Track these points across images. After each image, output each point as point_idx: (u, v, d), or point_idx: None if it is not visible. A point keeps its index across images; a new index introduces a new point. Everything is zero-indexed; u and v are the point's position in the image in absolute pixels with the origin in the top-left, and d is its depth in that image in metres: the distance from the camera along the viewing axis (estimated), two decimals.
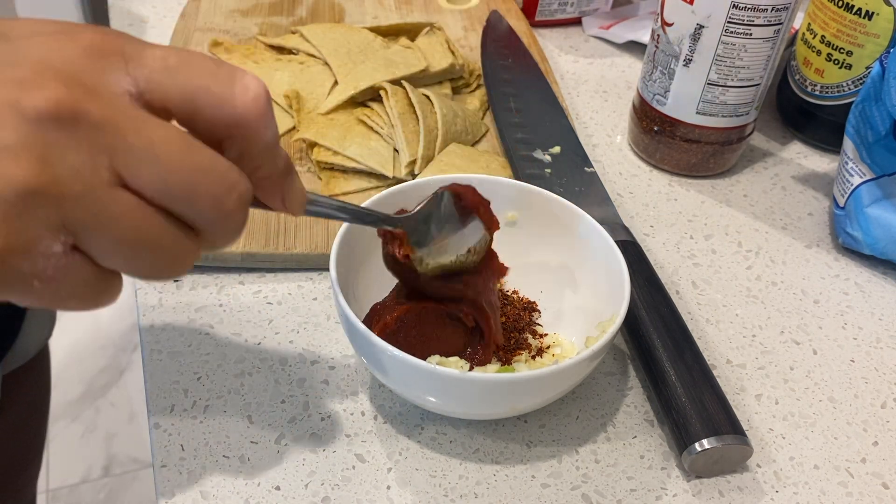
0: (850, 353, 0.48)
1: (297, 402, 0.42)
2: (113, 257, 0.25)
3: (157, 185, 0.25)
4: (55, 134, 0.23)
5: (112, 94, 0.25)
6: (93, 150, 0.23)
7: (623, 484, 0.40)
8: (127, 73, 0.25)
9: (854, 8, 0.56)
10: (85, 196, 0.23)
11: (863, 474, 0.42)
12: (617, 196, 0.59)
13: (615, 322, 0.39)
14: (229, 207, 0.26)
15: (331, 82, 0.60)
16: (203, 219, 0.26)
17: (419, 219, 0.39)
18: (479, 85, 0.65)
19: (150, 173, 0.24)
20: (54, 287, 0.25)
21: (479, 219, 0.40)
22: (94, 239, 0.24)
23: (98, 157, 0.24)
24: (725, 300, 0.51)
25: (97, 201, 0.24)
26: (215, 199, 0.26)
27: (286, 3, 0.73)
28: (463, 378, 0.36)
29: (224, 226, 0.27)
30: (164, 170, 0.25)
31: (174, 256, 0.26)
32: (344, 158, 0.54)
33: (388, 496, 0.39)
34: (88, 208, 0.24)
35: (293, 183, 0.31)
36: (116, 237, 0.24)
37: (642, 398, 0.44)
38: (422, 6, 0.75)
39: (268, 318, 0.47)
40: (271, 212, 0.50)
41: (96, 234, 0.24)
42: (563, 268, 0.47)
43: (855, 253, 0.55)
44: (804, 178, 0.62)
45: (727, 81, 0.55)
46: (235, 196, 0.26)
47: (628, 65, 0.74)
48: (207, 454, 0.40)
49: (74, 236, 0.24)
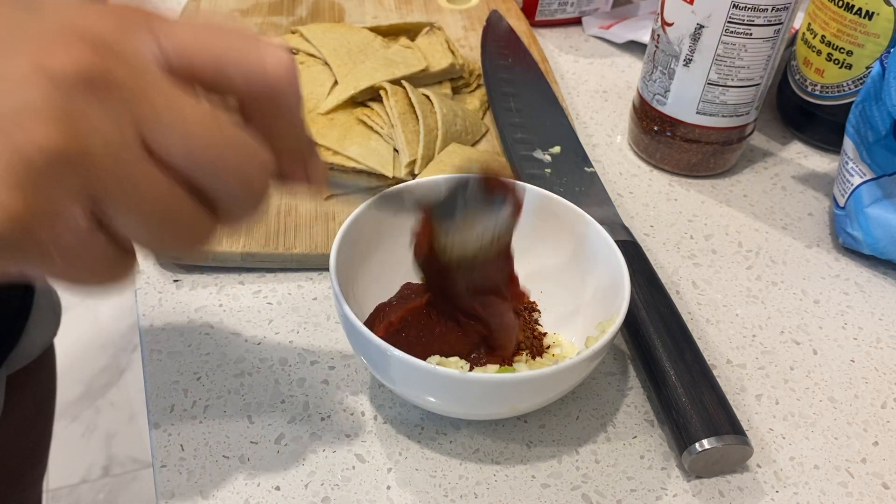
0: (850, 353, 0.48)
1: (297, 402, 0.42)
2: (135, 229, 0.25)
3: (184, 157, 0.24)
4: (84, 99, 0.22)
5: (141, 62, 0.24)
6: (122, 118, 0.23)
7: (623, 484, 0.40)
8: (155, 40, 0.25)
9: (854, 8, 0.56)
10: (113, 165, 0.23)
11: (863, 474, 0.42)
12: (617, 196, 0.59)
13: (615, 322, 0.39)
14: (254, 182, 0.26)
15: (331, 82, 0.60)
16: (227, 193, 0.26)
17: (444, 205, 0.38)
18: (479, 85, 0.65)
19: (179, 144, 0.24)
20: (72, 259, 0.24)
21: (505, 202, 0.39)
22: (118, 210, 0.24)
23: (127, 124, 0.23)
24: (725, 300, 0.51)
25: (125, 171, 0.23)
26: (241, 173, 0.25)
27: (286, 3, 0.73)
28: (463, 378, 0.36)
29: (247, 201, 0.27)
30: (193, 141, 0.24)
31: (195, 231, 0.26)
32: (344, 158, 0.54)
33: (388, 496, 0.39)
34: (116, 178, 0.23)
35: (317, 157, 0.31)
36: (141, 208, 0.24)
37: (642, 398, 0.44)
38: (422, 6, 0.75)
39: (268, 318, 0.47)
40: (272, 209, 0.51)
41: (121, 205, 0.24)
42: (563, 268, 0.47)
43: (855, 253, 0.55)
44: (804, 178, 0.62)
45: (727, 81, 0.55)
46: (262, 172, 0.26)
47: (628, 65, 0.74)
48: (207, 454, 0.40)
49: (98, 206, 0.23)
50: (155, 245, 0.26)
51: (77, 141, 0.22)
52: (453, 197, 0.38)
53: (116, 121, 0.23)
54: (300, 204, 0.52)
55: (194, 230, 0.26)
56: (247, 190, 0.26)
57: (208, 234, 0.27)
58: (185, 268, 0.49)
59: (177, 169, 0.24)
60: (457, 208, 0.38)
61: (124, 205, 0.24)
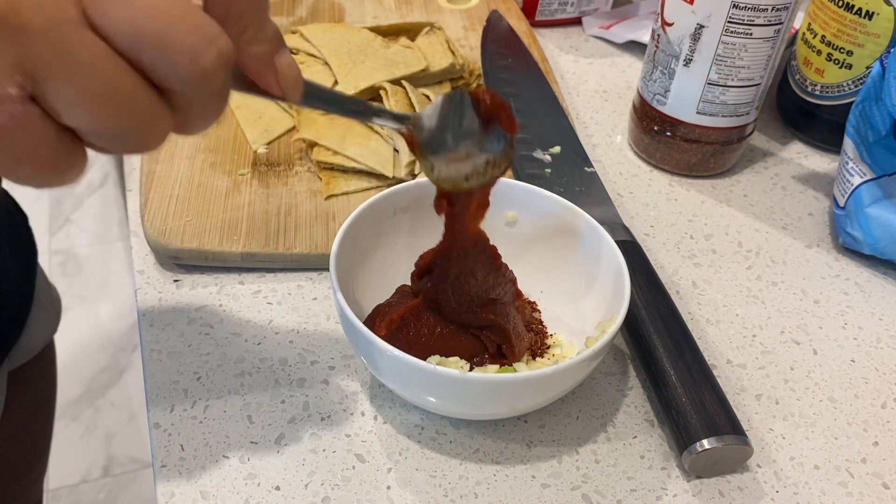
0: (850, 353, 0.48)
1: (297, 402, 0.42)
2: (76, 111, 0.22)
3: (126, 30, 0.22)
4: None
5: None
6: None
7: (623, 484, 0.40)
8: None
9: (854, 8, 0.56)
10: (48, 31, 0.21)
11: (863, 474, 0.42)
12: (617, 196, 0.59)
13: (615, 322, 0.39)
14: (206, 64, 0.23)
15: (331, 82, 0.60)
16: (178, 76, 0.23)
17: (431, 120, 0.34)
18: (479, 85, 0.65)
19: (120, 14, 0.22)
20: (8, 142, 0.22)
21: (499, 126, 0.35)
22: (56, 85, 0.22)
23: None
24: (725, 300, 0.51)
25: (61, 39, 0.21)
26: (191, 53, 0.23)
27: (286, 3, 0.73)
28: (463, 378, 0.36)
29: (202, 89, 0.24)
30: (136, 12, 0.22)
31: (145, 120, 0.24)
32: (344, 158, 0.54)
33: (388, 496, 0.39)
34: (51, 46, 0.21)
35: (286, 57, 0.28)
36: (82, 84, 0.22)
37: (642, 398, 0.44)
38: (422, 6, 0.75)
39: (268, 318, 0.47)
40: (272, 209, 0.51)
41: (59, 79, 0.22)
42: (563, 268, 0.47)
43: (855, 253, 0.55)
44: (804, 178, 0.62)
45: (727, 81, 0.55)
46: (214, 51, 0.23)
47: (628, 65, 0.74)
48: (207, 454, 0.40)
49: (33, 81, 0.22)
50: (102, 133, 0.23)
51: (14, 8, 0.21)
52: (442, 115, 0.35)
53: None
54: (300, 204, 0.52)
55: (145, 119, 0.24)
56: (200, 76, 0.23)
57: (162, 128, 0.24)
58: (185, 268, 0.49)
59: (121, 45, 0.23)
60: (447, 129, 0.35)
61: (64, 79, 0.22)
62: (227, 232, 0.49)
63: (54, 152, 0.23)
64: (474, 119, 0.35)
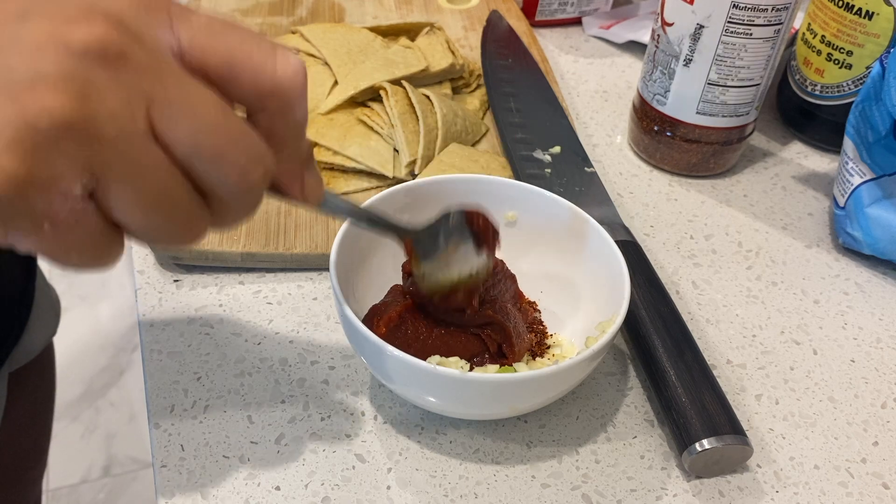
0: (850, 353, 0.48)
1: (297, 402, 0.42)
2: (130, 211, 0.24)
3: (189, 144, 0.24)
4: (98, 71, 0.22)
5: (156, 45, 0.24)
6: (133, 96, 0.23)
7: (623, 484, 0.40)
8: (171, 29, 0.25)
9: (854, 8, 0.56)
10: (118, 141, 0.23)
11: (863, 474, 0.42)
12: (617, 196, 0.59)
13: (615, 322, 0.39)
14: (253, 179, 0.26)
15: (331, 82, 0.60)
16: (225, 187, 0.26)
17: (428, 233, 0.39)
18: (479, 85, 0.65)
19: (185, 130, 0.24)
20: (63, 233, 0.24)
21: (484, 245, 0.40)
22: (116, 188, 0.24)
23: (137, 103, 0.23)
24: (725, 300, 0.51)
25: (129, 148, 0.23)
26: (242, 168, 0.25)
27: (286, 3, 0.73)
28: (463, 378, 0.36)
29: (242, 199, 0.26)
30: (199, 129, 0.24)
31: (188, 223, 0.26)
32: (344, 158, 0.54)
33: (388, 496, 0.39)
34: (119, 154, 0.23)
35: (314, 171, 0.31)
36: (140, 190, 0.24)
37: (642, 398, 0.44)
38: (422, 6, 0.75)
39: (268, 318, 0.47)
40: (272, 209, 0.51)
41: (120, 184, 0.24)
42: (563, 268, 0.47)
43: (855, 253, 0.55)
44: (804, 178, 0.62)
45: (727, 81, 0.55)
46: (261, 169, 0.26)
47: (628, 65, 0.74)
48: (207, 454, 0.40)
49: (97, 182, 0.23)
50: (147, 231, 0.25)
51: (85, 111, 0.22)
52: (436, 229, 0.39)
53: (127, 97, 0.23)
54: None
55: (188, 221, 0.26)
56: (245, 186, 0.26)
57: (201, 228, 0.27)
58: (185, 268, 0.49)
59: (179, 155, 0.24)
60: (439, 240, 0.39)
61: (125, 184, 0.24)
62: (227, 232, 0.49)
63: (99, 243, 0.25)
64: (465, 232, 0.39)
